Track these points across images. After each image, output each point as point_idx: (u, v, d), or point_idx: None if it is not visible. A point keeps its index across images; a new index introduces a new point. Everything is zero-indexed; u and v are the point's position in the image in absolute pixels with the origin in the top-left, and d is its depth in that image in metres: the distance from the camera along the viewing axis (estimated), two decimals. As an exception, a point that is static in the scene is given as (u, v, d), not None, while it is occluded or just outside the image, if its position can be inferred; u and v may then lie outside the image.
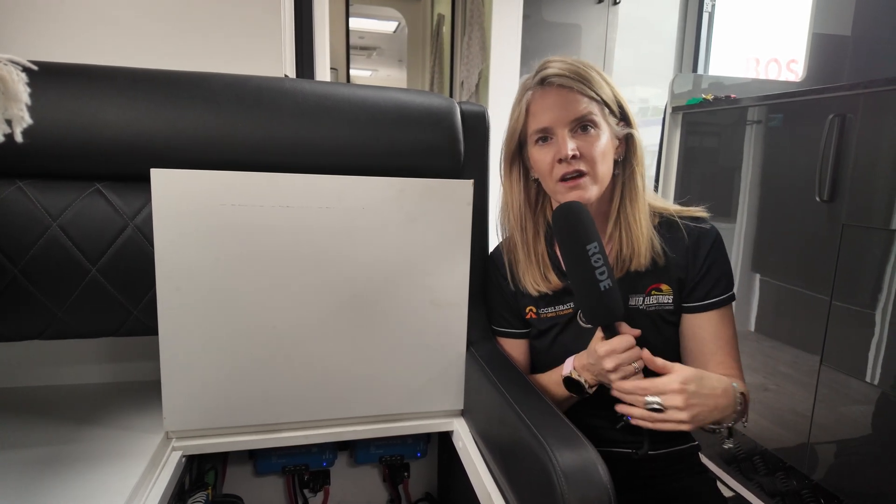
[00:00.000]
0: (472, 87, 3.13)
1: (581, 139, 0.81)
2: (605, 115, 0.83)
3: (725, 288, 0.86)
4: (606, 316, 0.77)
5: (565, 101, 0.81)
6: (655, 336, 0.87)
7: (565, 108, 0.81)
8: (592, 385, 0.82)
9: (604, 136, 0.82)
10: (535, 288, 0.90)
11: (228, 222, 0.82)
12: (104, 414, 0.94)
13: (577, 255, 0.76)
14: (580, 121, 0.81)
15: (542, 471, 0.64)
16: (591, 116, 0.81)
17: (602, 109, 0.82)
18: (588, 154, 0.81)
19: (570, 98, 0.81)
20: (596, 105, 0.82)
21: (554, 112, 0.82)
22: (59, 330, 0.85)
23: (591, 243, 0.76)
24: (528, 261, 0.91)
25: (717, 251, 0.86)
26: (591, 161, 0.81)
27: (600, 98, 0.82)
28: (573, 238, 0.77)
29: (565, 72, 0.82)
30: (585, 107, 0.81)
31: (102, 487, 0.72)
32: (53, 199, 0.82)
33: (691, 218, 0.89)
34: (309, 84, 0.92)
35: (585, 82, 0.81)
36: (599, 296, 0.75)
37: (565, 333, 0.91)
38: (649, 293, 0.87)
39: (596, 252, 0.75)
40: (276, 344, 0.87)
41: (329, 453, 1.09)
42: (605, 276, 0.75)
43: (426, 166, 0.95)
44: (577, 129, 0.82)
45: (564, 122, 0.81)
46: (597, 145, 0.81)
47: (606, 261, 0.76)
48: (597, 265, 0.75)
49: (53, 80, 0.80)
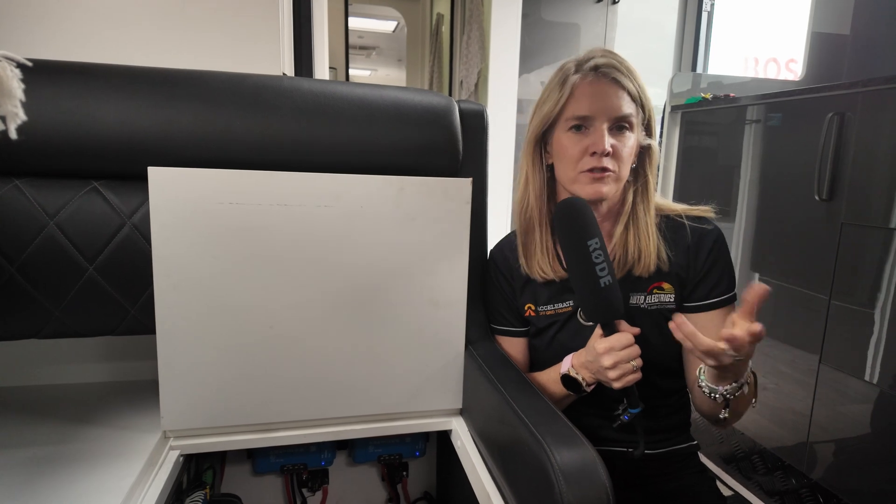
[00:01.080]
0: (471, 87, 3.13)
1: (616, 137, 0.82)
2: (639, 119, 0.84)
3: (727, 287, 0.86)
4: (606, 313, 0.77)
5: (613, 94, 0.81)
6: (657, 335, 0.86)
7: (611, 101, 0.81)
8: (590, 383, 0.81)
9: (633, 139, 0.84)
10: (542, 274, 0.89)
11: (226, 221, 0.82)
12: (101, 413, 0.93)
13: (577, 251, 0.76)
14: (620, 119, 0.82)
15: (540, 470, 0.64)
16: (630, 118, 0.82)
17: (638, 112, 0.84)
18: (619, 153, 0.82)
19: (617, 93, 0.81)
20: (635, 107, 0.83)
21: (600, 103, 0.81)
22: (57, 329, 0.85)
23: (592, 239, 0.75)
24: (542, 244, 0.91)
25: (719, 250, 0.86)
26: (621, 161, 0.82)
27: (640, 101, 0.83)
28: (574, 233, 0.76)
29: (623, 70, 0.82)
30: (628, 107, 0.82)
31: (99, 487, 0.72)
32: (50, 198, 0.81)
33: (695, 218, 0.89)
34: (307, 82, 0.91)
35: (636, 88, 0.82)
36: (599, 292, 0.75)
37: (564, 331, 0.90)
38: (651, 292, 0.87)
39: (597, 248, 0.75)
40: (274, 343, 0.87)
41: (327, 452, 1.09)
42: (605, 273, 0.75)
43: (425, 165, 0.95)
44: (614, 126, 0.82)
45: (608, 115, 0.81)
46: (627, 147, 0.83)
47: (607, 257, 0.76)
48: (597, 261, 0.75)
49: (51, 77, 0.80)
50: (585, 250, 0.75)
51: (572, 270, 0.79)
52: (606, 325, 0.78)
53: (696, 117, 2.18)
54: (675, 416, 0.91)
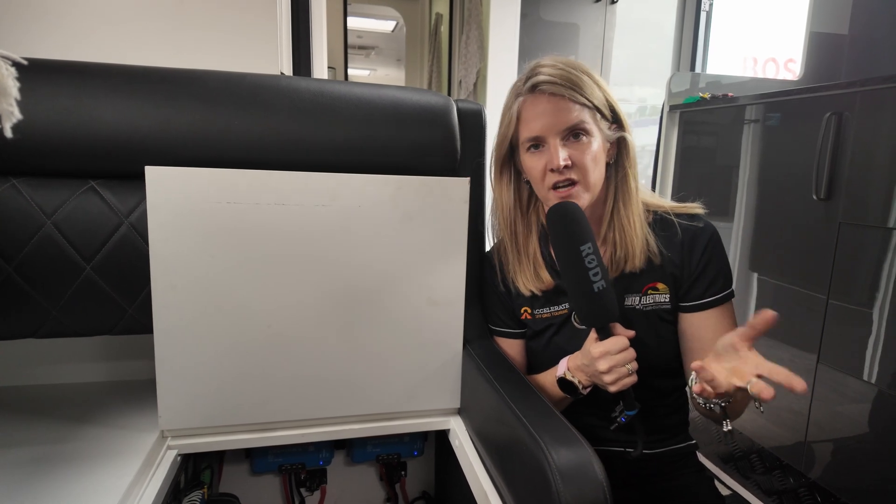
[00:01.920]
0: (469, 86, 3.13)
1: (573, 147, 0.80)
2: (597, 120, 0.82)
3: (723, 285, 0.85)
4: (600, 317, 0.77)
5: (556, 108, 0.80)
6: (652, 336, 0.86)
7: (557, 116, 0.80)
8: (586, 386, 0.81)
9: (595, 142, 0.81)
10: (527, 287, 0.90)
11: (224, 220, 0.82)
12: (99, 413, 0.93)
13: (571, 256, 0.76)
14: (572, 129, 0.80)
15: (538, 469, 0.64)
16: (582, 125, 0.80)
17: (594, 115, 0.81)
18: (580, 162, 0.80)
19: (561, 106, 0.79)
20: (587, 111, 0.80)
21: (545, 120, 0.80)
22: (54, 328, 0.85)
23: (586, 244, 0.75)
24: (518, 261, 0.91)
25: (714, 248, 0.85)
26: (583, 169, 0.80)
27: (592, 104, 0.80)
28: (568, 238, 0.76)
29: (556, 78, 0.80)
30: (577, 115, 0.79)
31: (97, 486, 0.72)
32: (48, 197, 0.81)
33: (686, 215, 0.88)
34: (305, 82, 0.91)
35: (577, 88, 0.79)
36: (593, 297, 0.75)
37: (560, 334, 0.90)
38: (646, 293, 0.86)
39: (590, 253, 0.75)
40: (271, 342, 0.87)
41: (326, 452, 1.09)
42: (598, 278, 0.75)
43: (422, 164, 0.95)
44: (568, 136, 0.80)
45: (556, 130, 0.80)
46: (588, 153, 0.80)
47: (601, 262, 0.76)
48: (591, 266, 0.75)
49: (48, 76, 0.80)
50: (578, 255, 0.75)
51: (566, 275, 0.79)
52: (601, 328, 0.78)
53: (695, 117, 2.18)
54: (673, 415, 0.91)
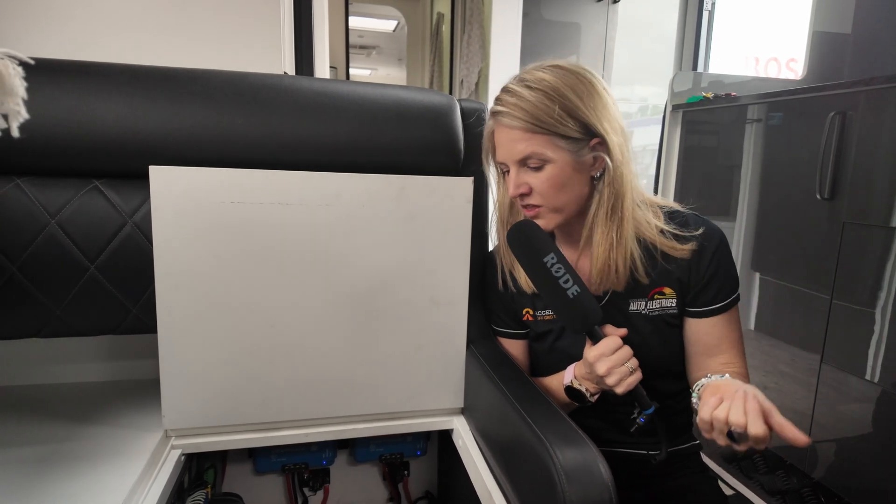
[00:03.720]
0: (471, 86, 3.13)
1: (530, 175, 0.79)
2: (558, 145, 0.77)
3: (731, 291, 0.84)
4: (584, 322, 0.77)
5: (510, 139, 0.79)
6: (658, 340, 0.85)
7: (511, 147, 0.79)
8: (594, 393, 0.81)
9: (556, 167, 0.78)
10: (528, 284, 0.89)
11: (227, 220, 0.82)
12: (103, 412, 0.93)
13: (537, 270, 0.77)
14: (523, 161, 0.79)
15: (542, 469, 0.64)
16: (537, 155, 0.78)
17: (551, 141, 0.77)
18: (539, 189, 0.79)
19: (514, 136, 0.78)
20: (548, 139, 0.77)
21: (502, 150, 0.81)
22: (58, 328, 0.85)
23: (548, 255, 0.76)
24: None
25: (722, 254, 0.84)
26: (544, 195, 0.80)
27: (554, 132, 0.77)
28: (530, 254, 0.78)
29: (513, 109, 0.77)
30: (527, 145, 0.77)
31: (101, 486, 0.72)
32: (51, 197, 0.81)
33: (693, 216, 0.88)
34: (308, 81, 0.91)
35: (534, 121, 0.76)
36: (570, 304, 0.76)
37: (562, 339, 0.90)
38: (652, 297, 0.85)
39: (555, 262, 0.76)
40: (275, 342, 0.87)
41: (329, 452, 1.09)
42: (570, 284, 0.75)
43: (426, 164, 0.95)
44: (525, 164, 0.80)
45: (512, 160, 0.80)
46: (548, 180, 0.78)
47: (569, 268, 0.76)
48: (558, 274, 0.75)
49: (52, 76, 0.80)
50: (543, 267, 0.76)
51: (540, 289, 0.79)
52: (590, 333, 0.78)
53: (697, 116, 2.18)
54: (677, 417, 0.91)
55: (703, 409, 0.67)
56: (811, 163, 1.56)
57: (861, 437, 1.45)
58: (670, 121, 2.26)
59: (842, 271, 1.48)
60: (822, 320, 1.53)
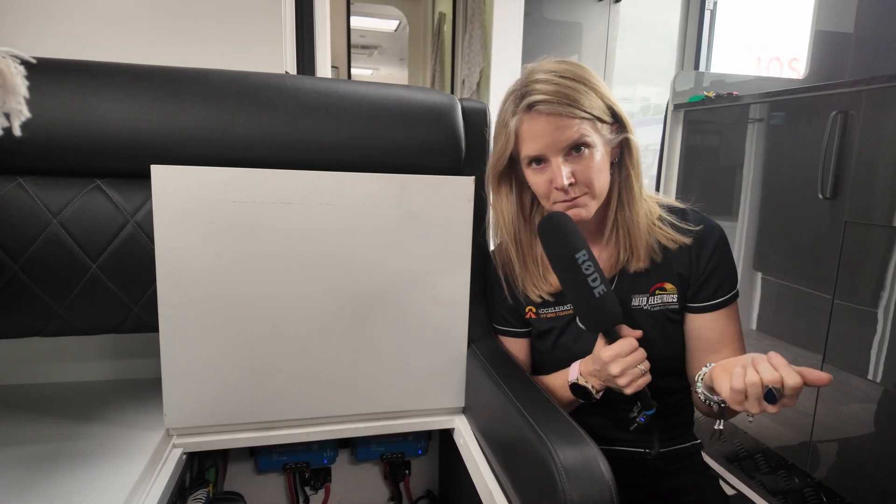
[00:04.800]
0: (473, 86, 3.13)
1: (575, 162, 0.78)
2: (598, 128, 0.78)
3: (731, 286, 0.85)
4: (606, 321, 0.77)
5: (555, 127, 0.77)
6: (659, 336, 0.86)
7: (556, 135, 0.77)
8: (599, 390, 0.81)
9: (598, 152, 0.79)
10: (536, 292, 0.89)
11: (229, 219, 0.82)
12: (105, 411, 0.93)
13: (567, 266, 0.76)
14: (573, 145, 0.78)
15: (543, 467, 0.64)
16: (583, 139, 0.77)
17: (593, 125, 0.78)
18: (585, 177, 0.79)
19: (559, 124, 0.76)
20: (587, 123, 0.77)
21: (546, 140, 0.78)
22: (60, 327, 0.85)
23: (580, 252, 0.75)
24: (524, 267, 0.90)
25: (723, 250, 0.85)
26: (589, 183, 0.79)
27: (590, 114, 0.77)
28: (561, 249, 0.77)
29: (551, 96, 0.76)
30: (577, 129, 0.76)
31: (103, 484, 0.72)
32: (54, 196, 0.81)
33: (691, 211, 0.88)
34: (309, 80, 0.91)
35: (574, 103, 0.76)
36: (595, 302, 0.75)
37: (566, 335, 0.90)
38: (653, 293, 0.86)
39: (586, 260, 0.75)
40: (276, 341, 0.87)
41: (330, 451, 1.09)
42: (597, 283, 0.75)
43: (427, 163, 0.95)
44: (570, 152, 0.78)
45: (557, 148, 0.78)
46: (592, 165, 0.78)
47: (597, 267, 0.76)
48: (588, 272, 0.75)
49: (54, 76, 0.80)
50: (574, 264, 0.75)
51: (565, 285, 0.79)
52: (607, 332, 0.78)
53: (699, 116, 2.17)
54: (678, 415, 0.91)
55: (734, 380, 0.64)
56: (813, 162, 1.56)
57: (863, 436, 1.45)
58: (672, 120, 2.25)
59: (844, 271, 1.48)
60: (824, 320, 1.53)
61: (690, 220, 0.86)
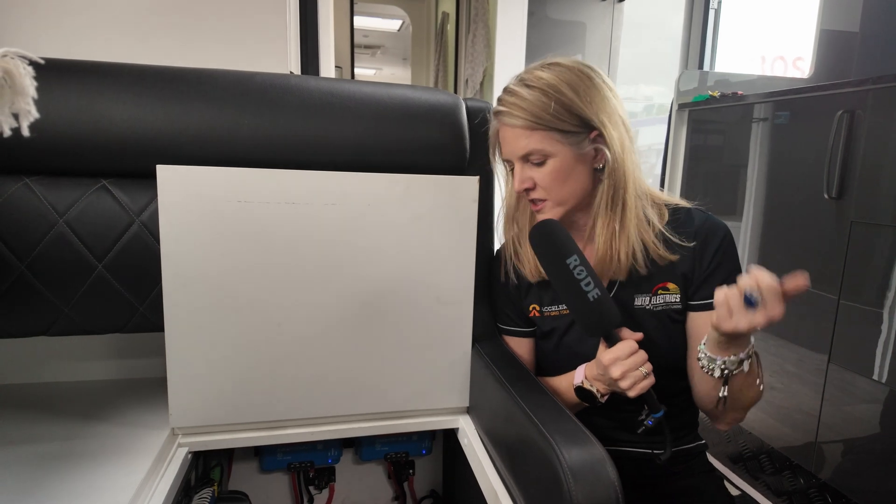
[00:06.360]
0: (476, 85, 3.13)
1: (533, 170, 0.82)
2: (563, 139, 0.80)
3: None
4: (603, 325, 0.77)
5: (513, 136, 0.82)
6: (662, 337, 0.85)
7: (514, 144, 0.82)
8: (605, 394, 0.81)
9: (558, 161, 0.81)
10: (533, 274, 0.89)
11: (234, 219, 0.82)
12: (110, 410, 0.94)
13: (559, 272, 0.77)
14: (526, 157, 0.82)
15: (548, 468, 0.64)
16: (538, 151, 0.80)
17: (556, 135, 0.80)
18: (543, 183, 0.82)
19: (516, 134, 0.81)
20: (548, 134, 0.80)
21: (508, 147, 0.84)
22: (66, 326, 0.85)
23: (571, 257, 0.76)
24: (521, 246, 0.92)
25: (727, 248, 0.84)
26: (547, 189, 0.82)
27: (553, 127, 0.79)
28: (552, 256, 0.78)
29: (512, 109, 0.80)
30: (530, 143, 0.80)
31: (109, 483, 0.72)
32: (60, 196, 0.82)
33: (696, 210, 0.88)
34: (314, 80, 0.92)
35: (534, 118, 0.79)
36: (591, 306, 0.75)
37: (569, 335, 0.90)
38: (656, 293, 0.86)
39: (577, 265, 0.76)
40: (281, 340, 0.87)
41: (334, 450, 1.09)
42: (591, 287, 0.75)
43: (431, 163, 0.95)
44: (527, 160, 0.82)
45: (515, 156, 0.83)
46: (550, 174, 0.81)
47: (590, 271, 0.76)
48: (580, 277, 0.75)
49: (60, 76, 0.80)
50: (566, 269, 0.76)
51: (560, 290, 0.79)
52: (607, 336, 0.78)
53: (703, 115, 2.17)
54: (682, 415, 0.91)
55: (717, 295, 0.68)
56: (818, 162, 1.55)
57: (868, 437, 1.45)
58: (676, 120, 2.25)
59: (849, 271, 1.47)
60: (829, 320, 1.52)
61: (695, 220, 0.85)
